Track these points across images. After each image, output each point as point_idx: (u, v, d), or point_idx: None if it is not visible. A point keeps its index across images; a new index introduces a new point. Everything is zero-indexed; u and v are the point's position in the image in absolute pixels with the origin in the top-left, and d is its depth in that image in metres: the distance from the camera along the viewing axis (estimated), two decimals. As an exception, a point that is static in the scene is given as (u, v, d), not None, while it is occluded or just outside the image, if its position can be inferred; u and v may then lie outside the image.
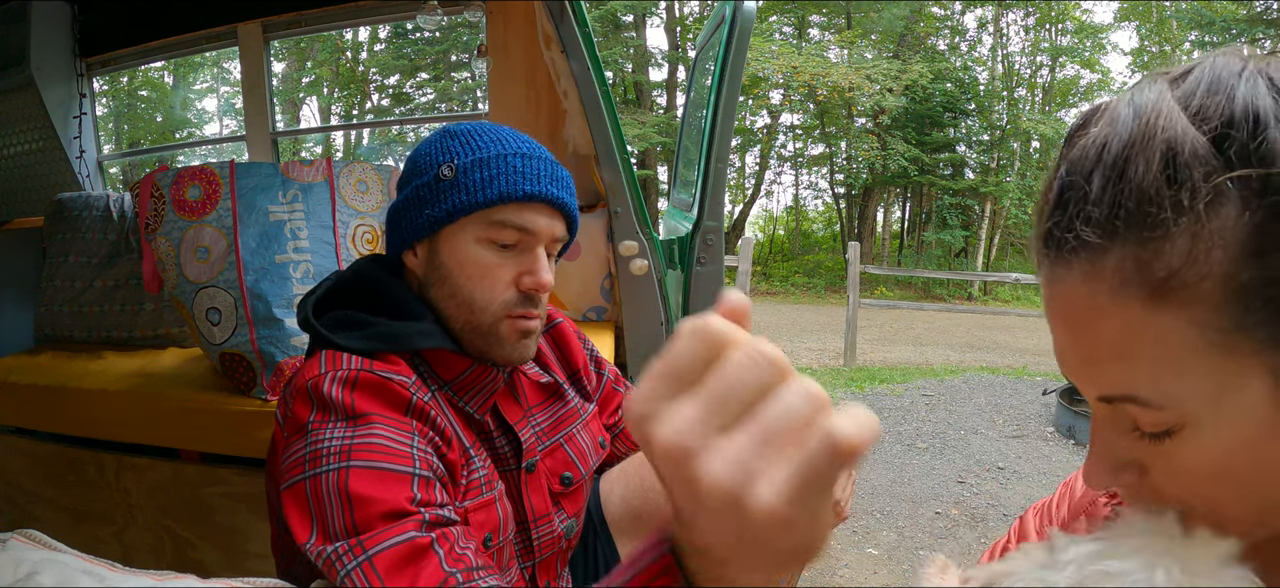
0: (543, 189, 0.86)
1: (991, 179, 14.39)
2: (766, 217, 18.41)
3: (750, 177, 16.59)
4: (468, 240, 0.86)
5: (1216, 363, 0.38)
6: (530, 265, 0.87)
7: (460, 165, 0.85)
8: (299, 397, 0.78)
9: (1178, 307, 0.37)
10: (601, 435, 1.07)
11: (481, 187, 0.84)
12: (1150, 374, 0.39)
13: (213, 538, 1.56)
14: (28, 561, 0.56)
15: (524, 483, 0.92)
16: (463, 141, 0.87)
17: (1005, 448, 3.77)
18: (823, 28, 15.74)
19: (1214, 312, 0.37)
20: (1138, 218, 0.37)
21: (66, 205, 2.01)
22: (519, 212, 0.85)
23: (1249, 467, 0.40)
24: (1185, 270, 0.36)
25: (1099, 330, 0.40)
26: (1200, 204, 0.36)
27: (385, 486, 0.72)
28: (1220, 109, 0.37)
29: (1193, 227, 0.36)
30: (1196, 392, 0.38)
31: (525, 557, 0.94)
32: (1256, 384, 0.38)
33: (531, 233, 0.86)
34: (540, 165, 0.87)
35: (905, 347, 7.76)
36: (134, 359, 1.75)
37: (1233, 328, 0.37)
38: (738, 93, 1.81)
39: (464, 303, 0.86)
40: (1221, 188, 0.36)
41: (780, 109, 15.46)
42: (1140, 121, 0.38)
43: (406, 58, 14.26)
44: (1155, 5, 14.01)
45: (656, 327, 1.74)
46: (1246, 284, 0.36)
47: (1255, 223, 0.35)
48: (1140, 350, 0.39)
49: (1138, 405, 0.40)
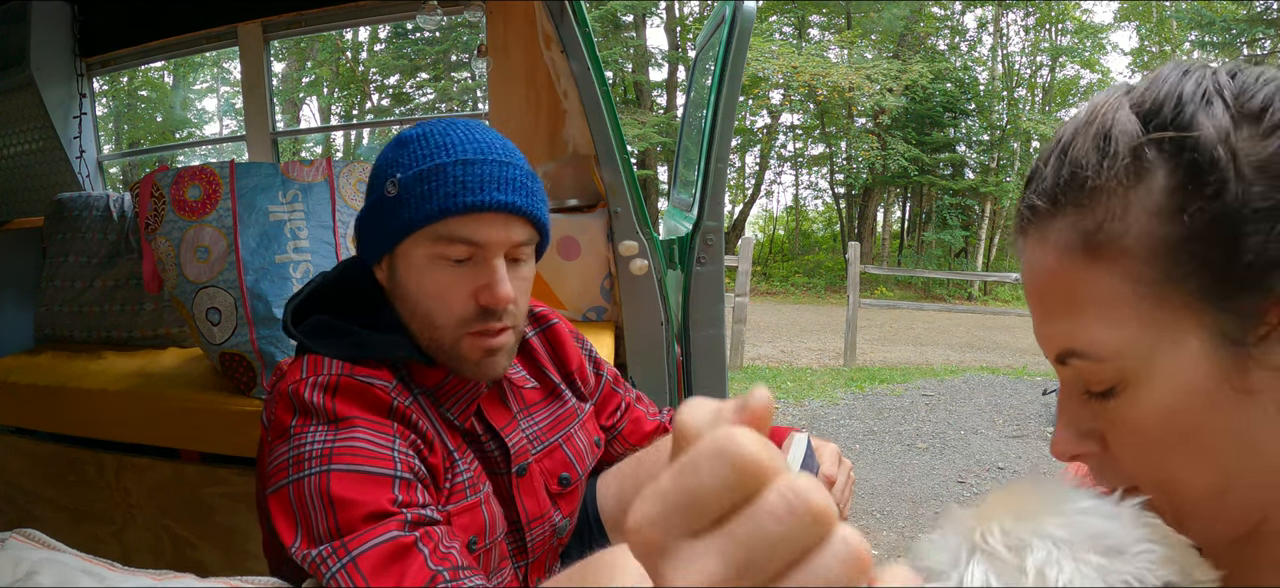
0: (487, 197, 0.80)
1: (991, 179, 14.40)
2: (766, 217, 18.42)
3: (750, 177, 16.60)
4: (420, 258, 0.82)
5: (1149, 315, 0.41)
6: (486, 278, 0.82)
7: (402, 181, 0.81)
8: (281, 402, 0.78)
9: (1110, 261, 0.41)
10: (597, 435, 1.07)
11: (422, 202, 0.80)
12: (1090, 327, 0.42)
13: (213, 538, 1.56)
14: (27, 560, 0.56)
15: (516, 487, 0.92)
16: (409, 152, 0.83)
17: (1005, 448, 3.77)
18: (823, 28, 15.74)
19: (1144, 265, 0.40)
20: (1075, 185, 0.42)
21: (66, 205, 2.01)
22: (463, 224, 0.80)
23: (1195, 432, 0.41)
24: (1114, 226, 0.41)
25: (1050, 290, 0.44)
26: (1124, 168, 0.40)
27: (366, 488, 0.72)
28: (1153, 96, 0.42)
29: (1122, 189, 0.41)
30: (1133, 343, 0.41)
31: (518, 558, 0.94)
32: (1193, 343, 0.40)
33: (482, 244, 0.81)
34: (485, 171, 0.81)
35: (905, 347, 7.76)
36: (134, 359, 1.75)
37: (1162, 280, 0.40)
38: (738, 93, 1.81)
39: (424, 321, 0.84)
40: (1143, 154, 0.40)
41: (780, 109, 15.47)
42: (1088, 112, 0.44)
43: (406, 58, 14.26)
44: (1155, 5, 14.02)
45: (656, 327, 1.73)
46: (1170, 238, 0.40)
47: (1175, 183, 0.39)
48: (1081, 305, 0.42)
49: (1082, 360, 0.43)
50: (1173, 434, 0.42)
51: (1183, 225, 0.39)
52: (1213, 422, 0.41)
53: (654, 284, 1.71)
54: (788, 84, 13.67)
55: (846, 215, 16.17)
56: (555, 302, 1.90)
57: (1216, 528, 0.44)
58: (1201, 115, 0.40)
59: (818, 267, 15.44)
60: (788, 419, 4.32)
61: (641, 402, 1.16)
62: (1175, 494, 0.43)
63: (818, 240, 17.52)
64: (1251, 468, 0.42)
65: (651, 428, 1.13)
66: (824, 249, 16.81)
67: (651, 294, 1.72)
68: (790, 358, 6.88)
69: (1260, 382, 0.40)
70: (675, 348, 1.78)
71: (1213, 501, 0.43)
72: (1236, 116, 0.39)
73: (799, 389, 5.08)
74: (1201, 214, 0.39)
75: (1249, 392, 0.40)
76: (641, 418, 1.14)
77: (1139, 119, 0.41)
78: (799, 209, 17.78)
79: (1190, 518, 0.43)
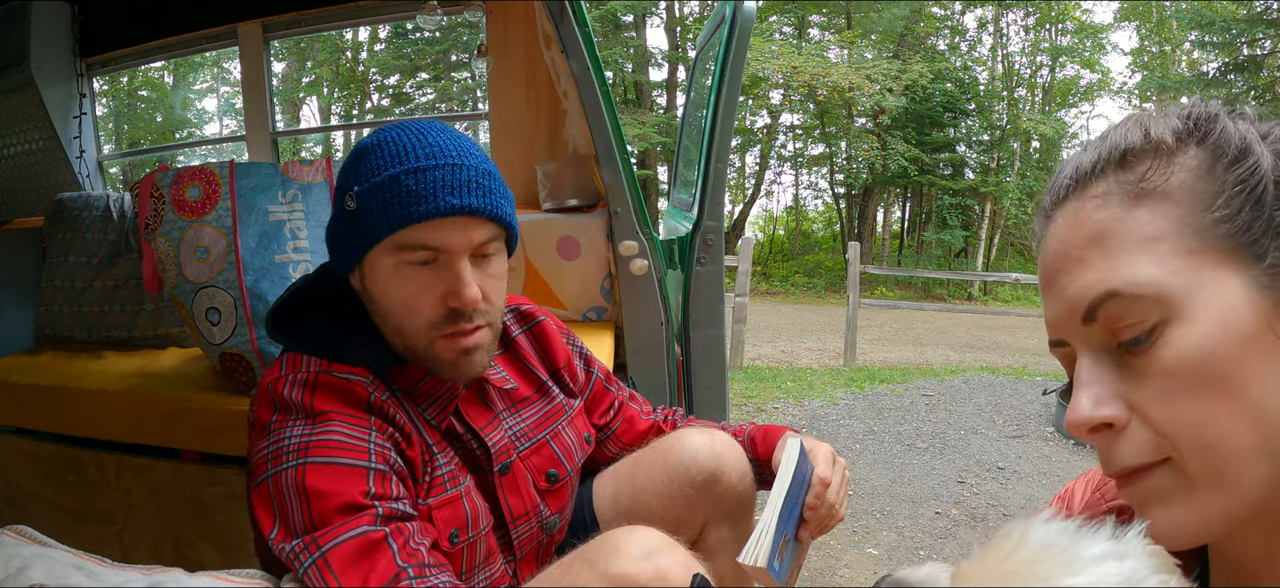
0: (441, 203, 0.79)
1: (991, 179, 14.39)
2: (766, 217, 18.42)
3: (750, 177, 16.60)
4: (385, 267, 0.83)
5: (1192, 253, 0.43)
6: (451, 283, 0.82)
7: (359, 194, 0.81)
8: (261, 399, 0.80)
9: (1154, 203, 0.44)
10: (586, 432, 1.07)
11: (379, 216, 0.80)
12: (1133, 263, 0.44)
13: (212, 538, 1.56)
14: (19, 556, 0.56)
15: (499, 485, 0.92)
16: (365, 164, 0.83)
17: (1005, 448, 3.77)
18: (823, 28, 15.74)
19: (1186, 210, 0.43)
20: (1119, 157, 0.46)
21: (66, 205, 2.01)
22: (422, 231, 0.80)
23: (1236, 375, 0.41)
24: (1157, 176, 0.45)
25: (1087, 241, 0.46)
26: (1166, 142, 0.45)
27: (340, 480, 0.73)
28: (1184, 110, 0.47)
29: (1165, 153, 0.45)
30: (1175, 277, 0.43)
31: (506, 553, 0.94)
32: (1235, 287, 0.42)
33: (442, 249, 0.81)
34: (438, 176, 0.80)
35: (905, 347, 7.76)
36: (134, 359, 1.75)
37: (1203, 226, 0.43)
38: (738, 93, 1.81)
39: (396, 328, 0.85)
40: (1182, 135, 0.45)
41: (780, 109, 15.46)
42: (1125, 116, 0.49)
43: (406, 58, 14.25)
44: (1155, 5, 14.01)
45: (656, 327, 1.74)
46: (1209, 192, 0.43)
47: (1207, 157, 0.44)
48: (1123, 245, 0.44)
49: (1120, 301, 0.43)
50: (1213, 377, 0.42)
51: (1218, 181, 0.43)
52: (1253, 366, 0.41)
53: (654, 284, 1.71)
54: (788, 84, 13.66)
55: (846, 215, 16.16)
56: (555, 302, 1.90)
57: (1248, 492, 0.43)
58: (1229, 121, 0.45)
59: (818, 267, 15.44)
60: (787, 419, 4.33)
61: (635, 400, 1.16)
62: (1212, 450, 0.42)
63: (818, 240, 17.52)
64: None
65: (645, 427, 1.13)
66: (824, 249, 16.81)
67: (651, 294, 1.72)
68: (790, 358, 6.88)
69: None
70: (675, 348, 1.78)
71: (1250, 459, 0.42)
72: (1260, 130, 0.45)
73: (799, 389, 5.08)
74: (1231, 175, 0.43)
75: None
76: (635, 417, 1.14)
77: (1177, 119, 0.47)
78: (799, 209, 17.78)
79: (1226, 479, 0.42)
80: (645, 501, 1.02)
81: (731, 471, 1.02)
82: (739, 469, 1.03)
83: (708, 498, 1.01)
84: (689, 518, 1.02)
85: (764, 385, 5.22)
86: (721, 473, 1.01)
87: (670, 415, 1.17)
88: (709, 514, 1.02)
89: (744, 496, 1.04)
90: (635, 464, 1.06)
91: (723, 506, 1.02)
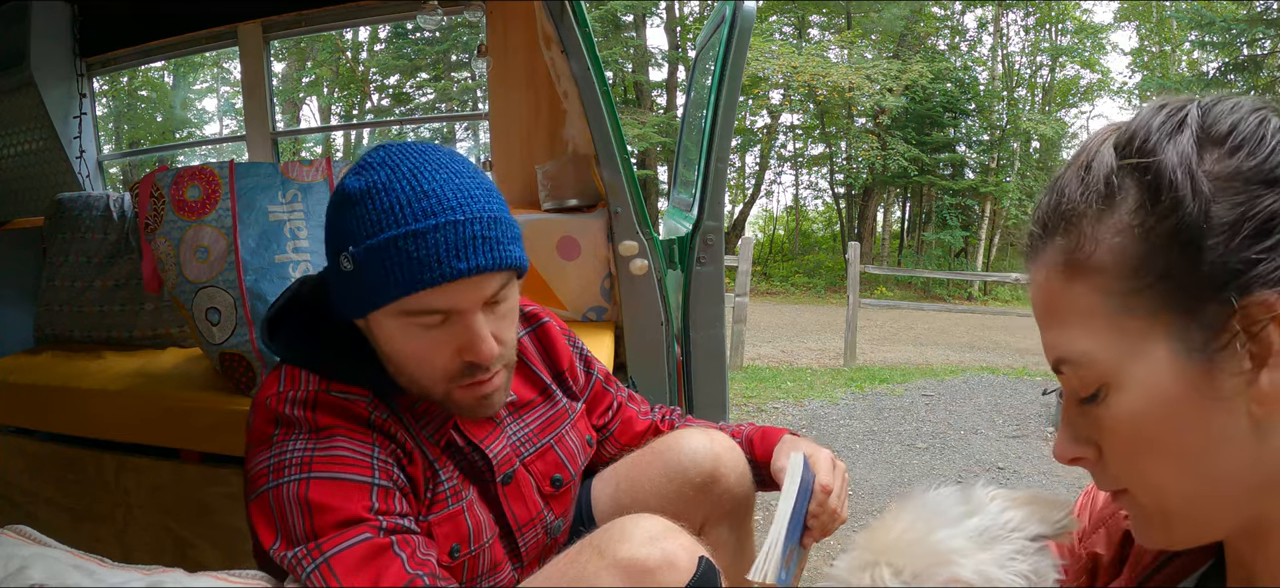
0: (446, 270, 0.74)
1: (991, 179, 14.39)
2: (766, 217, 18.41)
3: (750, 177, 16.59)
4: (392, 327, 0.78)
5: (1120, 324, 0.45)
6: (466, 340, 0.78)
7: (355, 257, 0.76)
8: (260, 412, 0.79)
9: (1086, 276, 0.46)
10: (589, 435, 1.07)
11: (379, 286, 0.75)
12: (1073, 337, 0.47)
13: (213, 538, 1.56)
14: (18, 556, 0.56)
15: (502, 495, 0.92)
16: (358, 217, 0.76)
17: (1005, 448, 3.77)
18: (823, 28, 15.73)
19: (1114, 279, 0.45)
20: (1060, 213, 0.48)
21: (66, 205, 2.01)
22: (429, 297, 0.75)
23: (1169, 435, 0.45)
24: (1088, 246, 0.46)
25: (1044, 306, 0.49)
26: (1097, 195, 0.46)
27: (344, 495, 0.73)
28: (1130, 130, 0.46)
29: (1094, 213, 0.46)
30: (1107, 350, 0.45)
31: (513, 562, 0.94)
32: (1161, 350, 0.44)
33: (453, 311, 0.77)
34: (440, 239, 0.74)
35: (905, 347, 7.76)
36: (134, 359, 1.75)
37: (1129, 292, 0.44)
38: (738, 93, 1.81)
39: (410, 380, 0.82)
40: (1113, 182, 0.45)
41: (780, 109, 15.46)
42: (1080, 147, 0.49)
43: (406, 58, 14.25)
44: (1155, 5, 14.00)
45: (656, 327, 1.73)
46: (1136, 254, 0.44)
47: (1138, 203, 0.44)
48: (1066, 318, 0.47)
49: (1068, 366, 0.48)
50: (1148, 438, 0.45)
51: (1146, 241, 0.44)
52: (1185, 426, 0.44)
53: (654, 284, 1.71)
54: (788, 84, 13.65)
55: (846, 215, 16.16)
56: (555, 302, 1.90)
57: (1205, 531, 0.48)
58: (1166, 143, 0.44)
59: (818, 267, 15.43)
60: (787, 419, 4.33)
61: (633, 401, 1.16)
62: (1160, 498, 0.47)
63: (818, 240, 17.51)
64: (1230, 472, 0.44)
65: (643, 428, 1.13)
66: (824, 249, 16.80)
67: (651, 294, 1.72)
68: (790, 358, 6.88)
69: (1229, 388, 0.42)
70: (675, 348, 1.78)
71: (1195, 505, 0.46)
72: (1201, 141, 0.43)
73: (799, 389, 5.08)
74: (1161, 229, 0.43)
75: (1218, 398, 0.43)
76: (633, 418, 1.14)
77: (1115, 151, 0.46)
78: (799, 209, 17.78)
79: (1177, 521, 0.47)
80: (644, 500, 1.02)
81: (730, 471, 1.02)
82: (738, 470, 1.03)
83: (707, 498, 1.01)
84: (688, 518, 1.01)
85: (764, 385, 5.21)
86: (720, 474, 1.01)
87: (668, 415, 1.17)
88: (708, 515, 1.02)
89: (742, 496, 1.04)
90: (634, 464, 1.06)
91: (722, 506, 1.02)
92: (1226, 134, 0.43)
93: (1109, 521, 0.64)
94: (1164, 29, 14.09)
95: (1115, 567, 0.62)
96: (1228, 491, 0.45)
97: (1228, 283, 0.41)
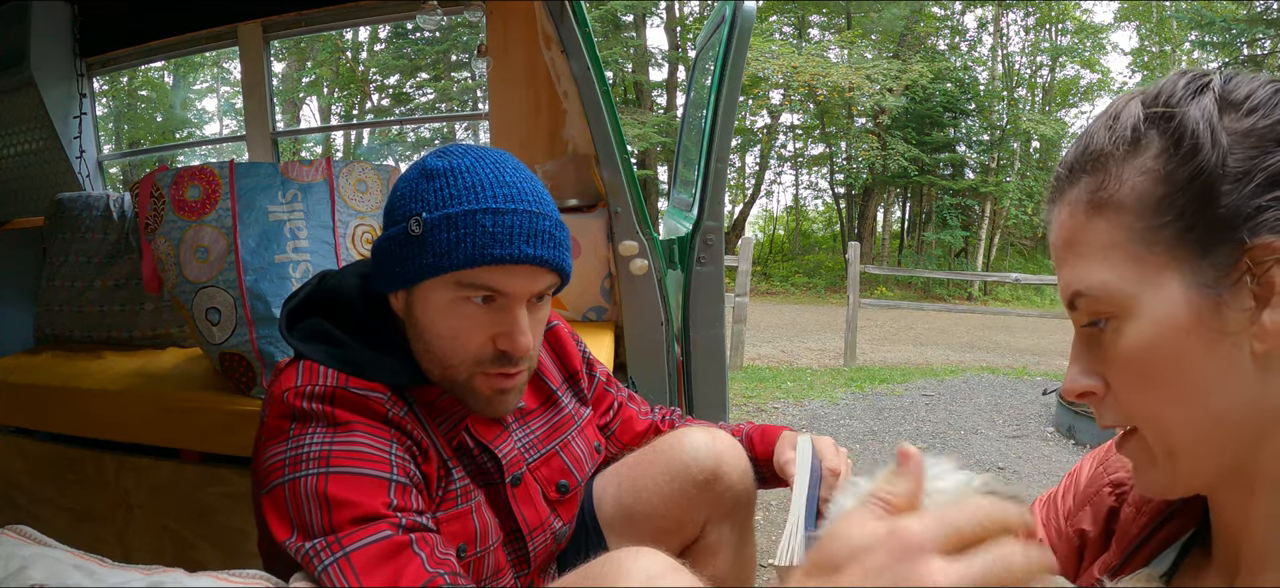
0: (516, 251, 0.79)
1: (991, 179, 14.39)
2: (766, 217, 18.41)
3: (750, 177, 16.59)
4: (440, 299, 0.81)
5: (1137, 258, 0.48)
6: (507, 326, 0.81)
7: (428, 222, 0.79)
8: (276, 406, 0.79)
9: (1109, 212, 0.49)
10: (597, 441, 1.07)
11: (448, 250, 0.78)
12: (1092, 268, 0.50)
13: (213, 538, 1.56)
14: (18, 556, 0.56)
15: (511, 497, 0.92)
16: (437, 188, 0.80)
17: (1005, 448, 3.77)
18: (823, 28, 15.73)
19: (1135, 216, 0.48)
20: (1088, 156, 0.51)
21: (66, 205, 2.01)
22: (490, 274, 0.79)
23: (1175, 366, 0.48)
24: (1113, 185, 0.49)
25: (1066, 242, 0.52)
26: (1124, 139, 0.49)
27: (363, 490, 0.73)
28: (1156, 90, 0.50)
29: (1121, 155, 0.50)
30: (1123, 281, 0.49)
31: (520, 567, 0.94)
32: (1174, 284, 0.47)
33: (506, 294, 0.81)
34: (516, 222, 0.79)
35: (905, 347, 7.76)
36: (134, 359, 1.75)
37: (1148, 229, 0.48)
38: (738, 93, 1.81)
39: (437, 358, 0.83)
40: (1140, 129, 0.49)
41: (780, 109, 15.46)
42: (1109, 106, 0.53)
43: (406, 58, 14.25)
44: (1155, 5, 14.01)
45: (656, 327, 1.73)
46: (1156, 194, 0.48)
47: (1161, 148, 0.48)
48: (1086, 251, 0.51)
49: (1085, 298, 0.51)
50: (1156, 368, 0.48)
51: (1167, 184, 0.47)
52: (1192, 359, 0.47)
53: (654, 284, 1.71)
54: (788, 84, 13.65)
55: (846, 215, 16.16)
56: (555, 302, 1.90)
57: (1200, 466, 0.50)
58: (1190, 101, 0.48)
59: (818, 267, 15.43)
60: (787, 419, 4.33)
61: (633, 401, 1.17)
62: (1163, 430, 0.50)
63: (818, 240, 17.51)
64: (1230, 407, 0.47)
65: (643, 427, 1.14)
66: (824, 249, 16.80)
67: (651, 294, 1.72)
68: (790, 358, 6.88)
69: (1234, 323, 0.46)
70: (675, 348, 1.78)
71: (1197, 440, 0.49)
72: (1221, 103, 0.48)
73: (799, 389, 5.08)
74: (1181, 174, 0.47)
75: (1224, 333, 0.46)
76: (633, 417, 1.14)
77: (1142, 106, 0.50)
78: (799, 209, 17.78)
79: (1178, 455, 0.49)
80: (647, 500, 1.02)
81: (732, 469, 1.02)
82: (740, 468, 1.03)
83: (709, 497, 1.01)
84: (690, 517, 1.02)
85: (764, 385, 5.21)
86: (722, 472, 1.01)
87: (668, 416, 1.17)
88: (710, 513, 1.02)
89: (744, 494, 1.04)
90: (636, 464, 1.06)
91: (723, 505, 1.02)
92: (1243, 99, 0.47)
93: (1093, 498, 0.66)
94: (1164, 29, 14.09)
95: (1102, 542, 0.64)
96: (1227, 426, 0.47)
97: (1238, 226, 0.45)
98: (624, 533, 1.04)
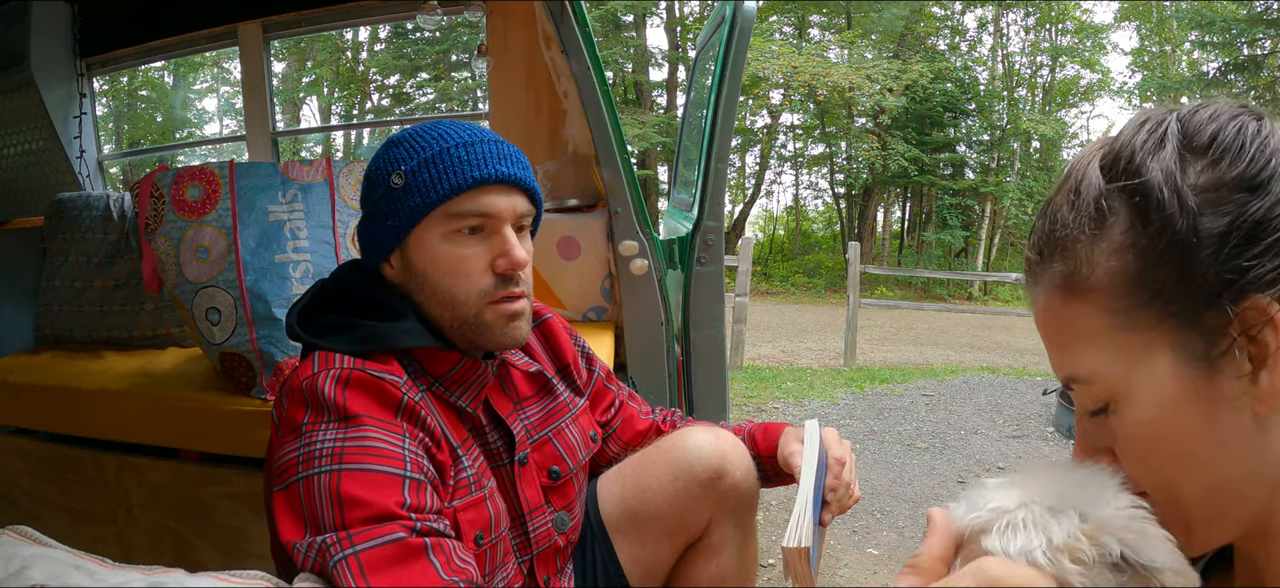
0: (491, 170, 0.87)
1: (991, 179, 14.39)
2: (766, 217, 18.41)
3: (750, 177, 16.59)
4: (434, 239, 0.87)
5: (1122, 340, 0.46)
6: (500, 247, 0.88)
7: (408, 170, 0.87)
8: (292, 397, 0.79)
9: (1085, 297, 0.47)
10: (593, 430, 1.07)
11: (432, 185, 0.86)
12: (1078, 355, 0.49)
13: (213, 538, 1.56)
14: (19, 557, 0.56)
15: (517, 476, 0.93)
16: (407, 147, 0.88)
17: (1005, 448, 3.77)
18: (823, 28, 15.74)
19: (1113, 298, 0.46)
20: (1054, 239, 0.49)
21: (66, 205, 2.01)
22: (474, 198, 0.86)
23: (1176, 440, 0.46)
24: (1085, 269, 0.47)
25: (1049, 327, 0.51)
26: (1088, 219, 0.47)
27: (376, 488, 0.73)
28: (1115, 149, 0.48)
29: (1088, 237, 0.47)
30: (1111, 365, 0.47)
31: (522, 551, 0.94)
32: (1163, 359, 0.45)
33: (492, 215, 0.87)
34: (485, 149, 0.88)
35: (905, 347, 7.76)
36: (134, 359, 1.75)
37: (1129, 309, 0.46)
38: (738, 93, 1.81)
39: (445, 300, 0.88)
40: (1103, 204, 0.47)
41: (780, 109, 15.46)
42: (1069, 168, 0.51)
43: (406, 58, 14.25)
44: (1155, 5, 14.01)
45: (656, 327, 1.73)
46: (1131, 271, 0.45)
47: (1128, 223, 0.46)
48: (1069, 337, 0.49)
49: (1078, 384, 0.50)
50: (1157, 444, 0.47)
51: (1140, 259, 0.45)
52: (1193, 431, 0.45)
53: (654, 284, 1.71)
54: (788, 84, 13.65)
55: (846, 215, 16.16)
56: (555, 302, 1.90)
57: (1217, 531, 0.48)
58: (1150, 161, 0.45)
59: (818, 267, 15.43)
60: (787, 419, 4.32)
61: (634, 400, 1.17)
62: (1173, 502, 0.47)
63: (818, 240, 17.51)
64: (1237, 472, 0.46)
65: (644, 427, 1.14)
66: (824, 249, 16.80)
67: (651, 294, 1.72)
68: (790, 358, 6.88)
69: (1231, 390, 0.44)
70: (675, 348, 1.78)
71: (1206, 506, 0.47)
72: (1184, 154, 0.45)
73: (799, 389, 5.08)
74: (1153, 247, 0.44)
75: (1222, 401, 0.44)
76: (634, 416, 1.14)
77: (1102, 172, 0.47)
78: (799, 209, 17.78)
79: (1191, 524, 0.47)
80: (651, 500, 1.03)
81: (736, 468, 1.02)
82: (743, 466, 1.04)
83: (713, 495, 1.01)
84: (695, 516, 1.02)
85: (764, 385, 5.21)
86: (727, 470, 1.01)
87: (669, 416, 1.17)
88: (714, 512, 1.02)
89: (748, 492, 1.04)
90: (639, 464, 1.06)
91: (727, 503, 1.02)
92: (1208, 145, 0.45)
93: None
94: (1164, 29, 14.09)
95: None
96: (1238, 489, 0.46)
97: (1222, 291, 0.43)
98: (629, 533, 1.05)
